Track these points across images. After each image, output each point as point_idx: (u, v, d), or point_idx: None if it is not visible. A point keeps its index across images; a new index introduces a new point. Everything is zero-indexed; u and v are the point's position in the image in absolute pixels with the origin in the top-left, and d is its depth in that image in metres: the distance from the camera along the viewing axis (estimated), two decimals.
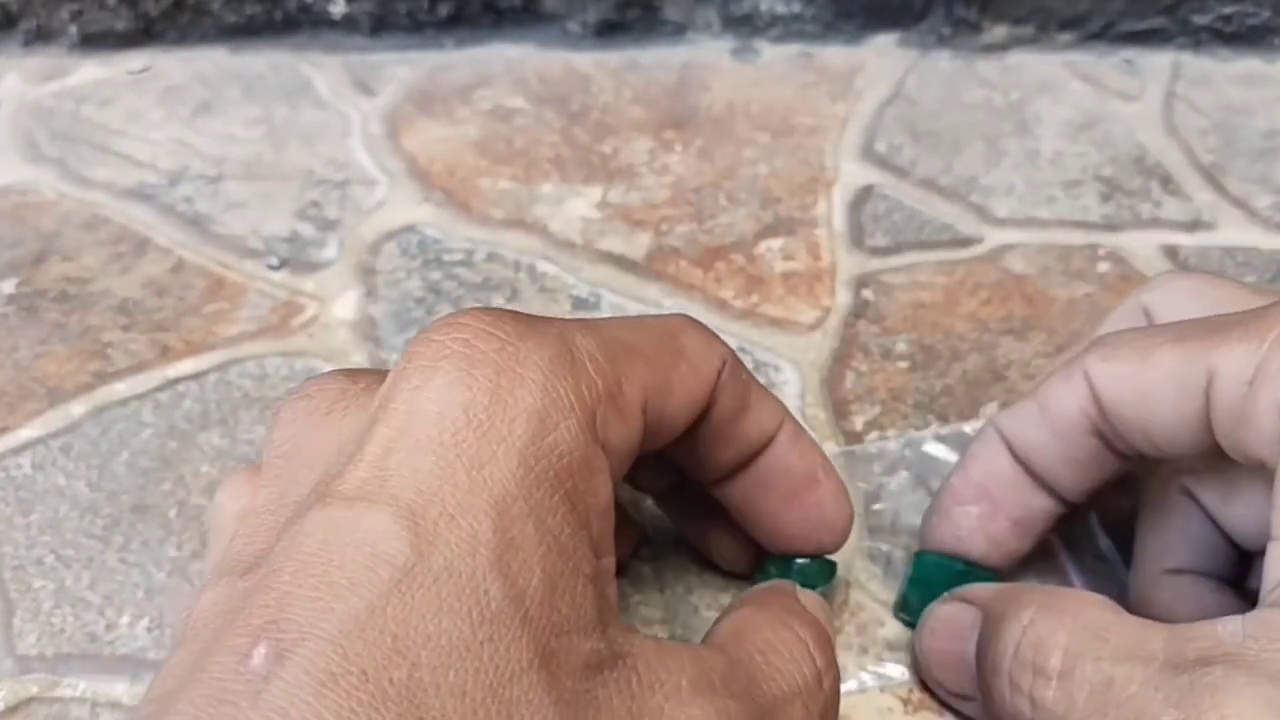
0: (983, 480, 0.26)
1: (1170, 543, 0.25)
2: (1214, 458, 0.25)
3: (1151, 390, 0.23)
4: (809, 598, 0.24)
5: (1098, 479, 0.25)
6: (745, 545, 0.26)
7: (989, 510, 0.26)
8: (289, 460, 0.19)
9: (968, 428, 0.32)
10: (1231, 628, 0.20)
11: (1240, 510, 0.25)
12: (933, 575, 0.26)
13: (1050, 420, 0.25)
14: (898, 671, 0.27)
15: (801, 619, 0.22)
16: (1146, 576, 0.26)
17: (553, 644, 0.16)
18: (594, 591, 0.17)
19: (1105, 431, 0.24)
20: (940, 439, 0.31)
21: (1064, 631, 0.21)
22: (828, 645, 0.22)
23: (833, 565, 0.26)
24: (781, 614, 0.22)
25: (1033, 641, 0.22)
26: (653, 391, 0.20)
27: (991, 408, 0.32)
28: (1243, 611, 0.20)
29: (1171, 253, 0.38)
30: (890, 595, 0.28)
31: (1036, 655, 0.21)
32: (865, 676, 0.27)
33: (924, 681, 0.26)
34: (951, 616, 0.25)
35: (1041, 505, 0.26)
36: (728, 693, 0.19)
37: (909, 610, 0.27)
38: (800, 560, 0.25)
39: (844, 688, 0.27)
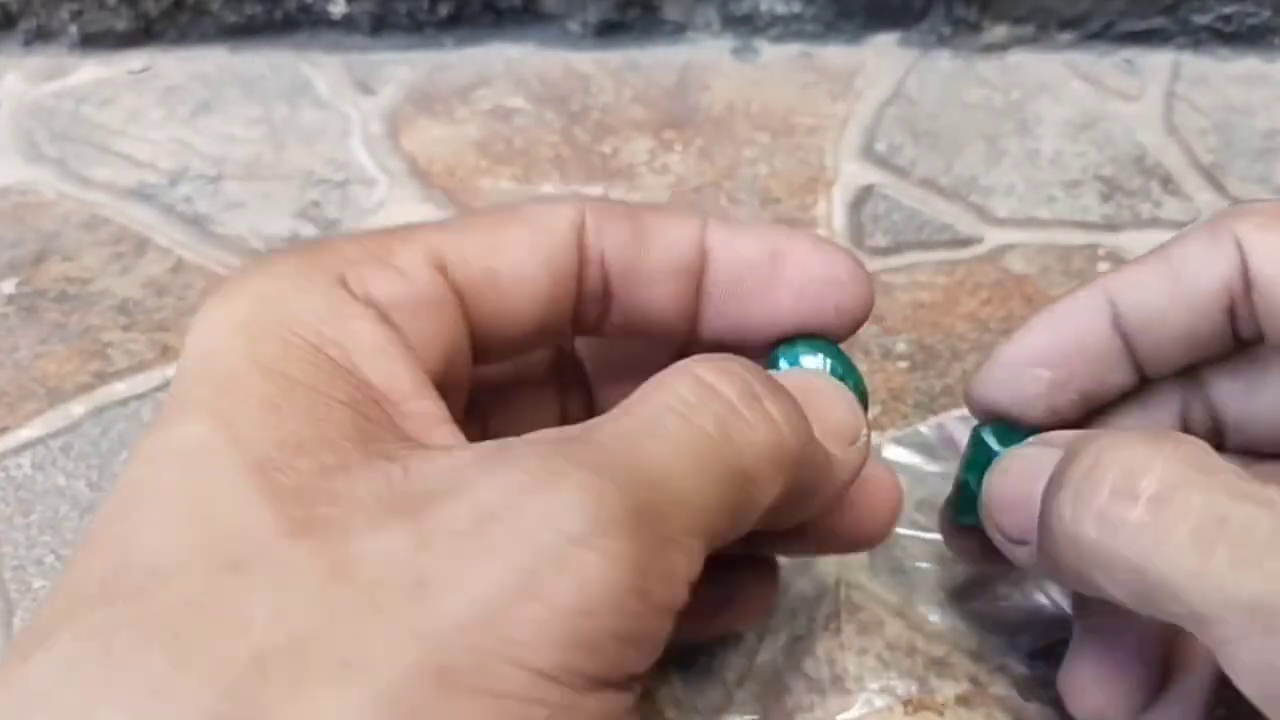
0: (1069, 345, 0.23)
1: None
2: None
3: None
4: (791, 375, 0.21)
5: (1197, 360, 0.23)
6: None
7: (1064, 378, 0.23)
8: None
9: (923, 428, 0.31)
10: None
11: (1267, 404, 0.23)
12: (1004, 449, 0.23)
13: (1184, 287, 0.22)
14: (898, 672, 0.27)
15: (714, 365, 0.18)
16: None
17: (273, 455, 0.17)
18: (351, 415, 0.18)
19: (1240, 309, 0.22)
20: (898, 441, 0.31)
21: (1161, 457, 0.19)
22: (737, 376, 0.18)
23: (841, 356, 0.22)
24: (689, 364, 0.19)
25: (1119, 460, 0.19)
26: (454, 247, 0.20)
27: None
28: None
29: None
30: (893, 598, 0.28)
31: (1121, 474, 0.19)
32: (866, 677, 0.27)
33: (943, 543, 0.25)
34: (1030, 456, 0.22)
35: (1119, 382, 0.23)
36: (534, 453, 0.16)
37: (967, 502, 0.24)
38: (804, 353, 0.22)
39: (844, 688, 0.27)
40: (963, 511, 0.25)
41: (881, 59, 0.46)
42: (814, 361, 0.22)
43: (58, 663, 0.15)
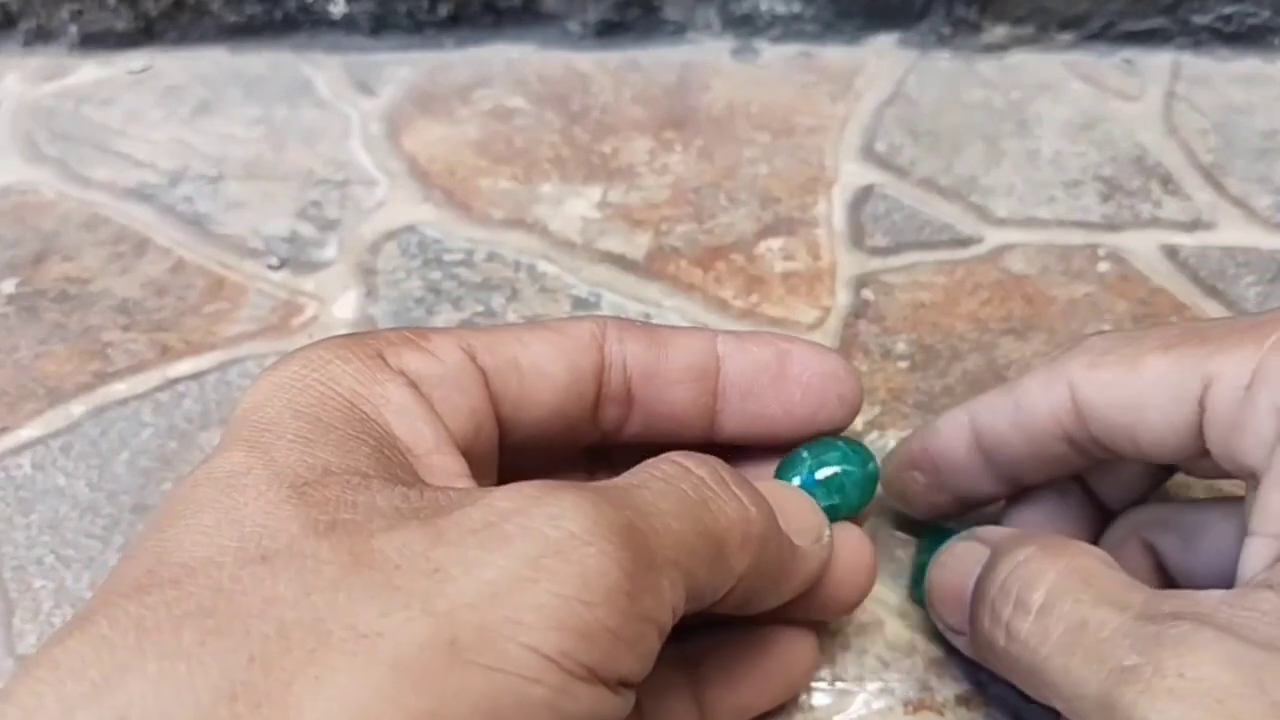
0: (936, 457, 0.26)
1: None
2: (1174, 508, 0.26)
3: (1141, 398, 0.23)
4: (760, 483, 0.23)
5: (1061, 475, 0.26)
6: None
7: (935, 483, 0.27)
8: None
9: None
10: (1210, 594, 0.20)
11: (1203, 553, 0.25)
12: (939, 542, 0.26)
13: (1023, 420, 0.25)
14: (898, 673, 0.27)
15: (689, 454, 0.21)
16: None
17: (302, 474, 0.19)
18: (376, 453, 0.20)
19: (1078, 438, 0.24)
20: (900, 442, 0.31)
21: (1054, 571, 0.22)
22: (708, 463, 0.21)
23: (853, 460, 0.25)
24: None
25: (1022, 576, 0.22)
26: (483, 340, 0.23)
27: None
28: None
29: (1171, 253, 0.38)
30: (893, 598, 0.28)
31: (1022, 589, 0.22)
32: (866, 678, 0.27)
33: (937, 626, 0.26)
34: (962, 553, 0.25)
35: (991, 490, 0.26)
36: (541, 480, 0.19)
37: (920, 584, 0.27)
38: (820, 467, 0.24)
39: (844, 688, 0.27)
40: (916, 585, 0.27)
41: (881, 59, 0.46)
42: (830, 471, 0.25)
43: (93, 640, 0.16)
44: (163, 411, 0.33)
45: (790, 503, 0.23)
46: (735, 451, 0.25)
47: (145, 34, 0.46)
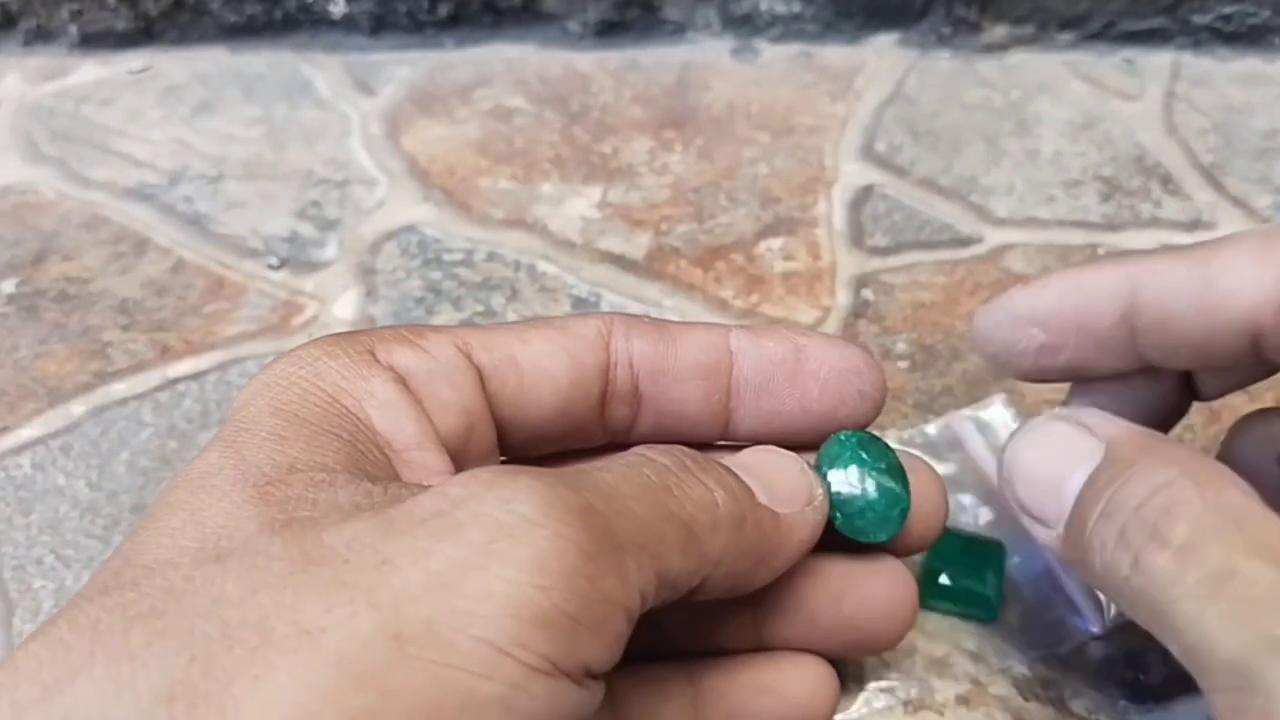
0: (1071, 321, 0.22)
1: None
2: None
3: None
4: (746, 452, 0.22)
5: (1209, 366, 0.22)
6: None
7: (1057, 344, 0.23)
8: None
9: (930, 428, 0.31)
10: None
11: None
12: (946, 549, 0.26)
13: (1212, 304, 0.20)
14: (898, 673, 0.27)
15: (654, 446, 0.20)
16: None
17: (268, 473, 0.18)
18: (349, 448, 0.20)
19: (1270, 340, 0.20)
20: (903, 442, 0.31)
21: (1200, 504, 0.19)
22: (673, 452, 0.20)
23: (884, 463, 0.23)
24: None
25: (1163, 504, 0.19)
26: (481, 338, 0.22)
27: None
28: None
29: None
30: None
31: (1162, 519, 0.19)
32: (866, 678, 0.27)
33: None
34: (1066, 438, 0.22)
35: (1110, 366, 0.23)
36: (500, 466, 0.18)
37: (934, 589, 0.27)
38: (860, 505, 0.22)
39: (844, 687, 0.27)
40: (932, 596, 0.27)
41: (881, 59, 0.46)
42: (841, 476, 0.23)
43: (51, 642, 0.16)
44: (163, 411, 0.33)
45: (773, 469, 0.22)
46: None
47: (145, 34, 0.46)
